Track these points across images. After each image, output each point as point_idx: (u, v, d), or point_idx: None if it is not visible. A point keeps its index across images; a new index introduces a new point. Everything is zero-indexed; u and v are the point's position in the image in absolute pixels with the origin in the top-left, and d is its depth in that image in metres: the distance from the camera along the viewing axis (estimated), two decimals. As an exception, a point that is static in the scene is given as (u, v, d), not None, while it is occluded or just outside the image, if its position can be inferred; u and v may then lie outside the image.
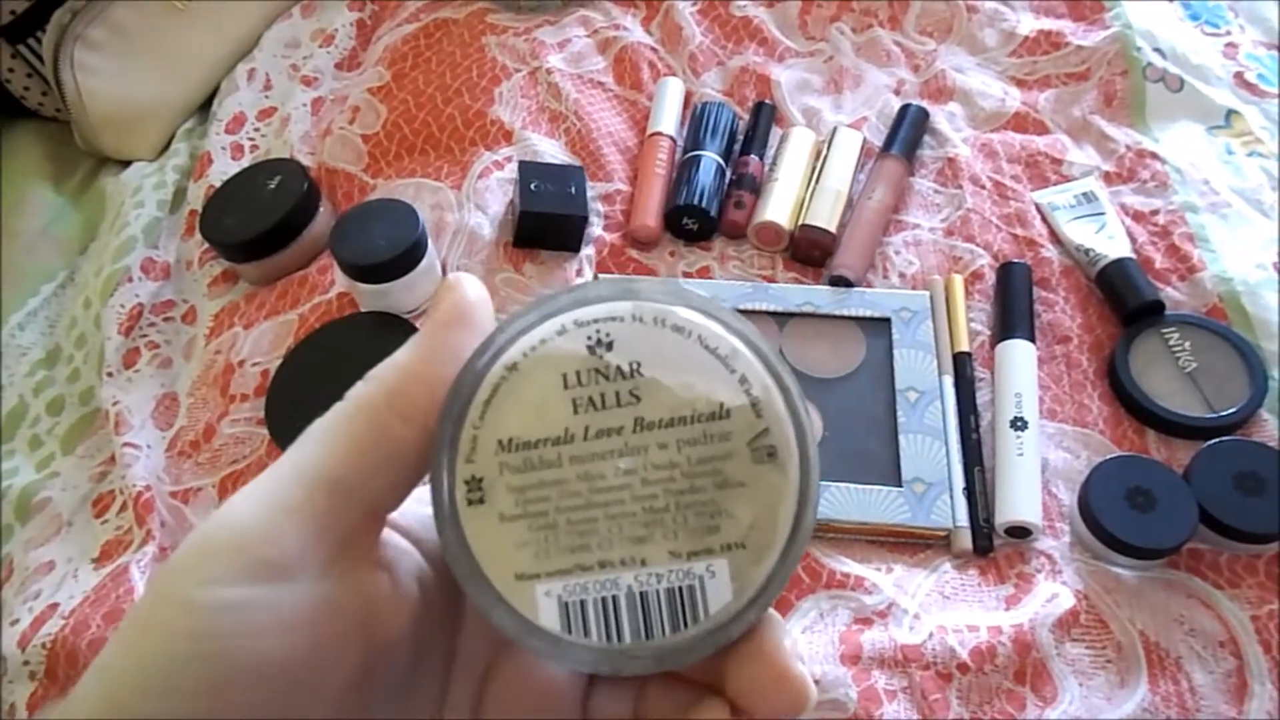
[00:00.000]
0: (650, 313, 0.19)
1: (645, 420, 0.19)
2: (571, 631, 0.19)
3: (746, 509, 0.19)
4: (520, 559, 0.19)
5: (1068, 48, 0.69)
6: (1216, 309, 0.54)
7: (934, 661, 0.43)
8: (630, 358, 0.19)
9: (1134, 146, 0.63)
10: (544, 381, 0.19)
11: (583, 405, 0.19)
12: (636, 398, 0.19)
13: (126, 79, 0.72)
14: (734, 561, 0.19)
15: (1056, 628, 0.44)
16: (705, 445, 0.19)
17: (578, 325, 0.19)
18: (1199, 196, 0.59)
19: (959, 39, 0.72)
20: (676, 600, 0.19)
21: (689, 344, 0.19)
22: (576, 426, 0.19)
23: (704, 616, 0.19)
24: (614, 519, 0.19)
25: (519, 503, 0.19)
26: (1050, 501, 0.49)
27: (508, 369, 0.19)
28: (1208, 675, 0.43)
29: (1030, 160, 0.64)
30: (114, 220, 0.66)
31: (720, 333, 0.19)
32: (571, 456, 0.19)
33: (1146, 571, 0.46)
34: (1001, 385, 0.53)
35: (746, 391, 0.19)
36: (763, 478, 0.19)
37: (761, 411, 0.19)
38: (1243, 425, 0.50)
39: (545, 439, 0.19)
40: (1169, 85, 0.65)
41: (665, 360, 0.19)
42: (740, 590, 0.19)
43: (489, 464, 0.19)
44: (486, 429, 0.19)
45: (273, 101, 0.75)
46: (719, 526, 0.19)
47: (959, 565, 0.48)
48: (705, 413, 0.19)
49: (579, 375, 0.19)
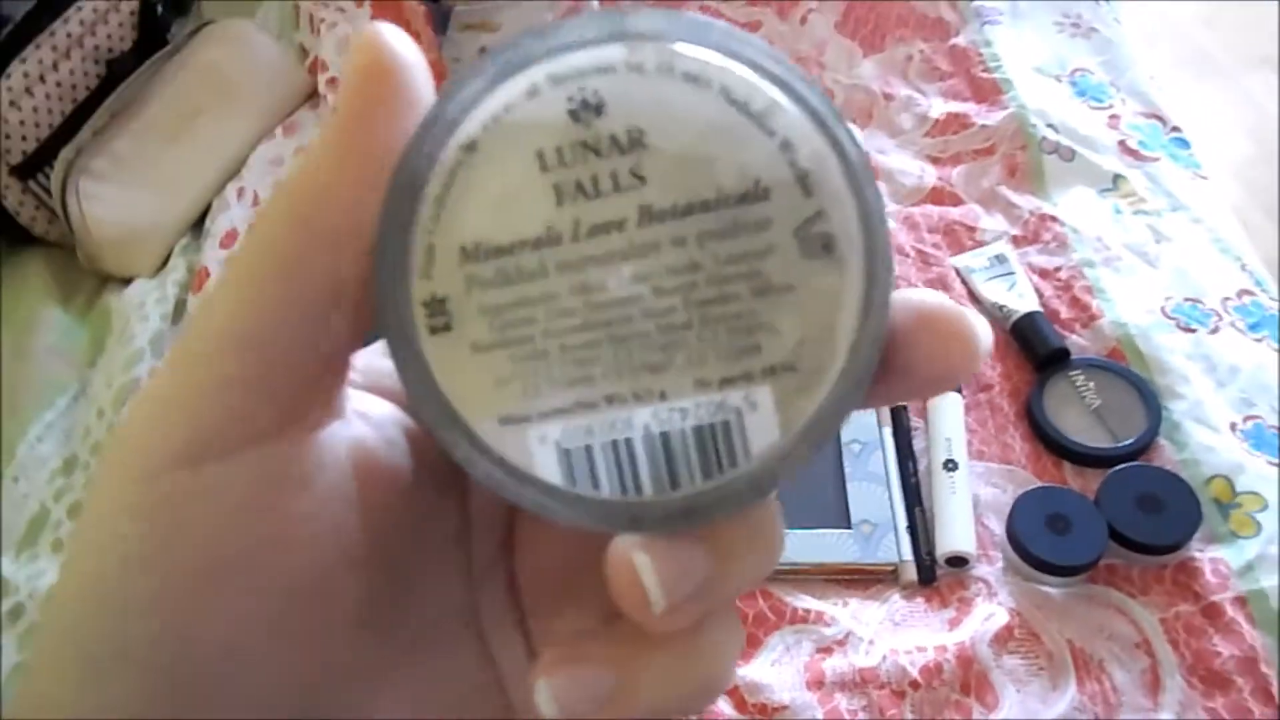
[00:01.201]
0: (652, 57, 0.14)
1: (654, 208, 0.14)
2: (577, 483, 0.15)
3: (794, 320, 0.14)
4: (505, 398, 0.15)
5: (974, 127, 0.78)
6: (1115, 351, 0.62)
7: (889, 681, 0.49)
8: (628, 123, 0.14)
9: (1036, 211, 0.71)
10: (514, 163, 0.14)
11: (569, 193, 0.14)
12: (640, 178, 0.14)
13: (126, 203, 0.78)
14: (780, 388, 0.14)
15: (994, 643, 0.50)
16: (736, 239, 0.14)
17: (553, 82, 0.14)
18: (1094, 252, 0.67)
19: (879, 124, 0.81)
20: (708, 440, 0.15)
21: (708, 98, 0.14)
22: (563, 222, 0.14)
23: (744, 459, 0.15)
24: (621, 342, 0.14)
25: (495, 327, 0.14)
26: (983, 532, 0.56)
27: (464, 149, 0.14)
28: (1126, 674, 0.49)
29: (947, 229, 0.72)
30: (121, 334, 0.72)
31: (751, 79, 0.14)
32: (559, 263, 0.14)
33: (1070, 587, 0.52)
34: (934, 432, 0.59)
35: (791, 161, 0.14)
36: (816, 277, 0.14)
37: (812, 187, 0.14)
38: (1144, 452, 0.57)
39: (523, 241, 0.14)
40: (1062, 156, 0.74)
41: (676, 123, 0.14)
42: (788, 424, 0.14)
43: (452, 278, 0.14)
44: (444, 233, 0.14)
45: (262, 216, 0.82)
46: (759, 345, 0.14)
47: (906, 595, 0.54)
48: (735, 193, 0.14)
49: (560, 151, 0.14)
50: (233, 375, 0.14)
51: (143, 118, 0.79)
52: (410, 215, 0.14)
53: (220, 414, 0.14)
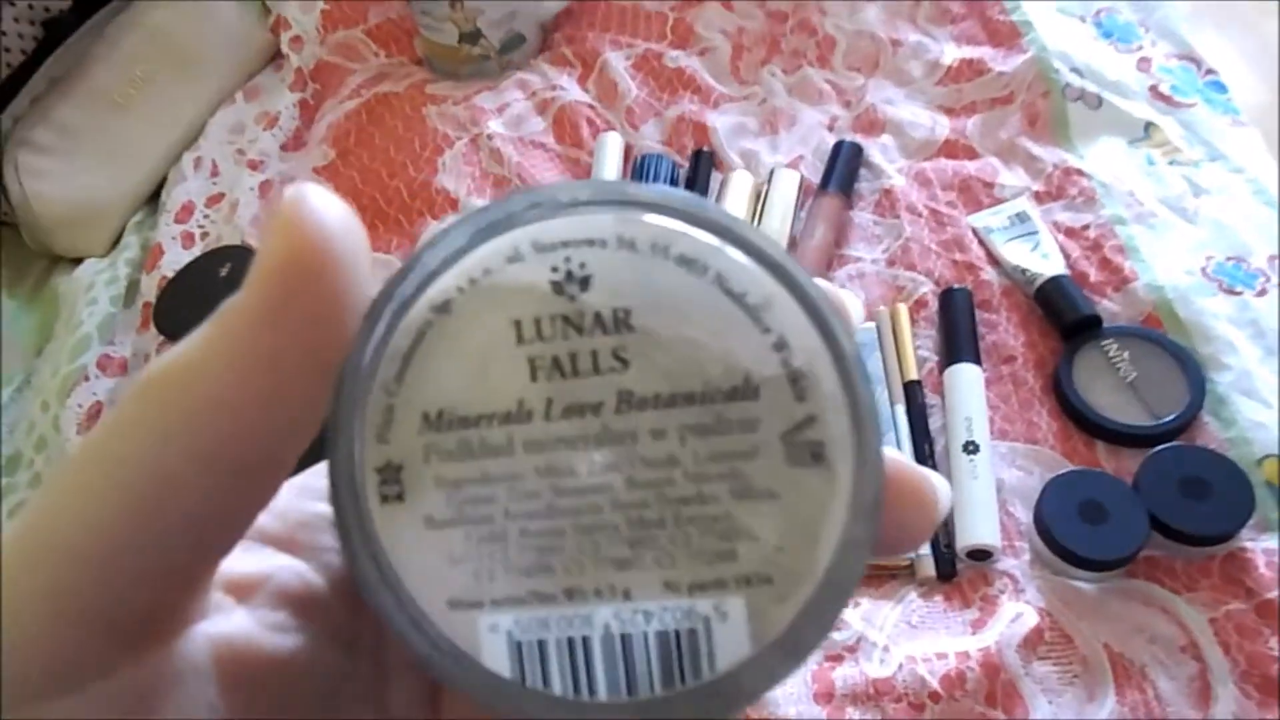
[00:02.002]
0: (647, 235, 0.13)
1: (635, 395, 0.13)
2: (526, 679, 0.14)
3: (775, 527, 0.13)
4: (456, 580, 0.14)
5: (990, 74, 0.71)
6: (1151, 317, 0.56)
7: (906, 693, 0.44)
8: (615, 301, 0.13)
9: (1060, 164, 0.65)
10: (489, 330, 0.13)
11: (544, 368, 0.13)
12: (623, 361, 0.13)
13: (74, 178, 0.73)
14: (754, 598, 0.13)
15: (1023, 647, 0.45)
16: (720, 436, 0.13)
17: (538, 249, 0.13)
18: (1125, 208, 0.61)
19: (886, 72, 0.75)
20: (671, 647, 0.14)
21: (702, 284, 0.13)
22: (535, 399, 0.13)
23: (709, 670, 0.13)
24: (587, 533, 0.14)
25: (453, 502, 0.14)
26: (1008, 521, 0.50)
27: (435, 310, 0.13)
28: (1172, 681, 0.44)
29: (963, 185, 0.66)
30: (68, 319, 0.67)
31: (749, 268, 0.13)
32: (528, 441, 0.13)
33: (1106, 582, 0.47)
34: (951, 411, 0.54)
35: (784, 360, 0.13)
36: (801, 484, 0.13)
37: (805, 390, 0.13)
38: (1185, 430, 0.51)
39: (490, 414, 0.13)
40: (1088, 103, 0.68)
41: (667, 307, 0.13)
42: (761, 636, 0.13)
43: (410, 446, 0.13)
44: (406, 396, 0.13)
45: (220, 188, 0.76)
46: (735, 551, 0.13)
47: (924, 593, 0.49)
48: (723, 388, 0.13)
49: (539, 324, 0.13)
50: (74, 605, 0.12)
51: (87, 83, 0.73)
52: (371, 371, 0.13)
53: (61, 648, 0.12)
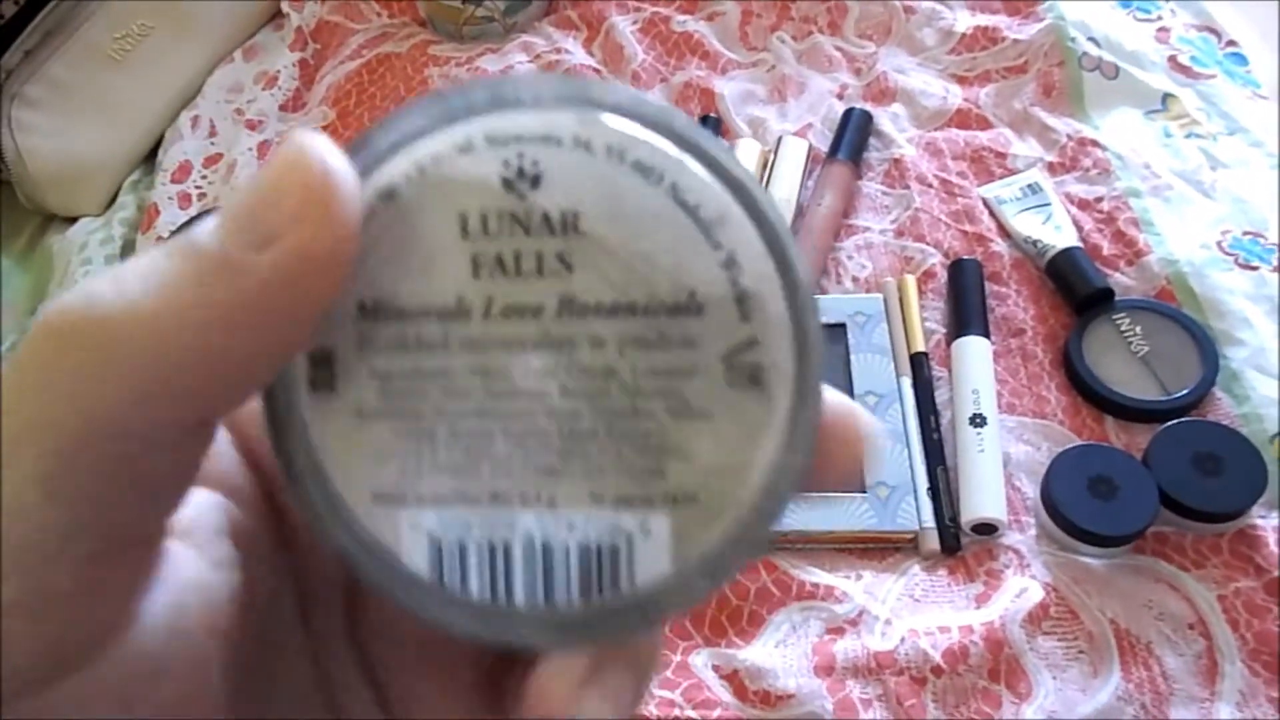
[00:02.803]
0: (604, 137, 0.13)
1: (577, 301, 0.13)
2: (445, 580, 0.14)
3: (707, 448, 0.13)
4: (381, 474, 0.14)
5: (1004, 42, 0.70)
6: (1165, 291, 0.55)
7: (908, 666, 0.43)
8: (565, 203, 0.13)
9: (1075, 135, 0.63)
10: (433, 221, 0.13)
11: (487, 265, 0.13)
12: (568, 265, 0.13)
13: (68, 135, 0.71)
14: (679, 518, 0.13)
15: (1027, 622, 0.44)
16: (661, 351, 0.13)
17: (490, 142, 0.13)
18: (1141, 181, 0.60)
19: (898, 40, 0.73)
20: (591, 560, 0.14)
21: (656, 194, 0.13)
22: (475, 296, 0.13)
23: (627, 586, 0.13)
24: (517, 438, 0.13)
25: (384, 394, 0.13)
26: (1014, 495, 0.49)
27: (381, 197, 0.13)
28: (1179, 658, 0.43)
29: (975, 156, 0.64)
30: (62, 279, 0.66)
31: (706, 181, 0.13)
32: (464, 340, 0.13)
33: (1113, 558, 0.46)
34: (959, 383, 0.53)
35: (733, 278, 0.13)
36: (738, 407, 0.13)
37: (750, 312, 0.13)
38: (1197, 405, 0.50)
39: (428, 309, 0.13)
40: (1105, 73, 0.66)
41: (618, 214, 0.13)
42: (682, 557, 0.13)
43: (344, 333, 0.13)
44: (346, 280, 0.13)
45: (218, 148, 0.75)
46: (664, 470, 0.13)
47: (927, 566, 0.48)
48: (667, 302, 0.13)
49: (485, 219, 0.13)
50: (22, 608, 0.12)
51: (82, 38, 0.71)
52: None
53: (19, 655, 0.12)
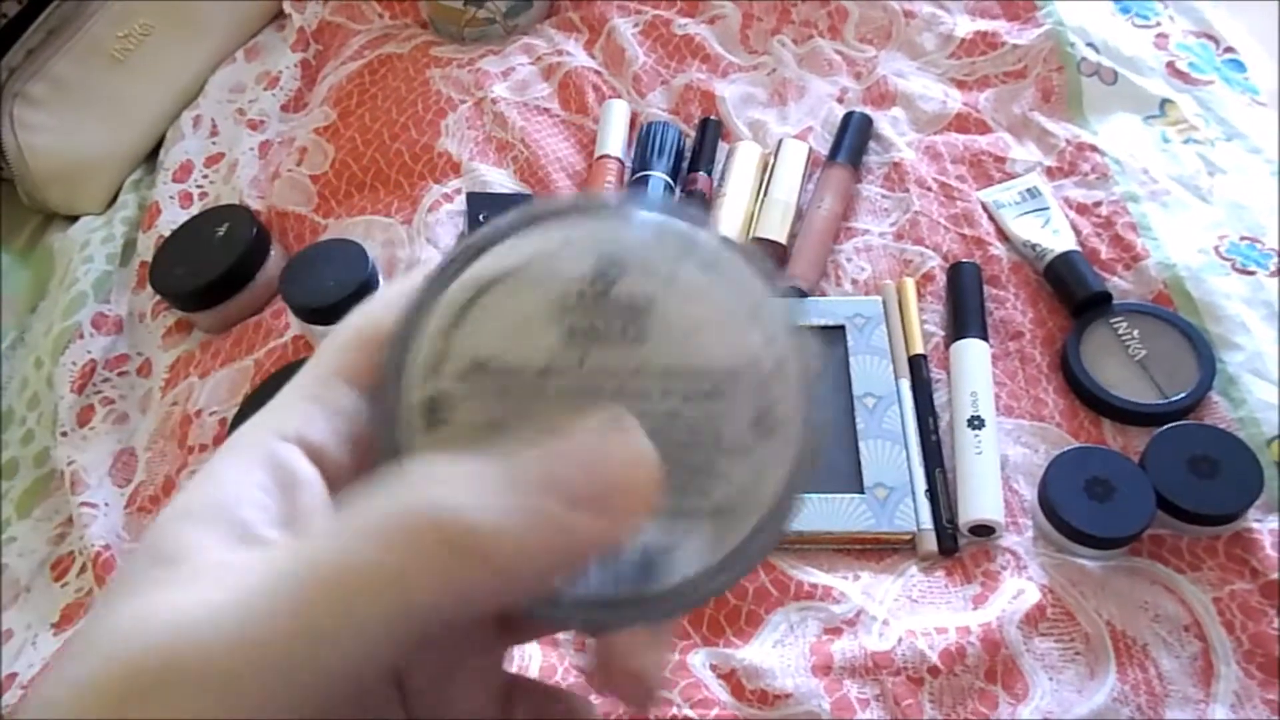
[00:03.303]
0: (674, 241, 0.16)
1: (649, 363, 0.16)
2: None
3: (740, 474, 0.17)
4: None
5: (1004, 47, 0.70)
6: (1162, 295, 0.55)
7: (905, 667, 0.44)
8: (643, 290, 0.16)
9: (1074, 140, 0.64)
10: (536, 299, 0.16)
11: (579, 334, 0.16)
12: (643, 337, 0.16)
13: (70, 133, 0.71)
14: (717, 525, 0.17)
15: (1024, 623, 0.45)
16: (710, 403, 0.16)
17: (586, 241, 0.16)
18: (1139, 186, 0.60)
19: (898, 44, 0.73)
20: (651, 557, 0.17)
21: (711, 285, 0.16)
22: (566, 358, 0.16)
23: (677, 575, 0.17)
24: None
25: (489, 435, 0.16)
26: (1012, 497, 0.50)
27: (496, 276, 0.16)
28: (1174, 660, 0.43)
29: (974, 160, 0.65)
30: (63, 277, 0.66)
31: (752, 280, 0.17)
32: (554, 394, 0.16)
33: (1110, 560, 0.47)
34: (957, 385, 0.53)
35: (764, 352, 0.17)
36: (761, 447, 0.17)
37: (775, 377, 0.17)
38: (1194, 409, 0.51)
39: (528, 366, 0.16)
40: (1103, 78, 0.66)
41: (683, 301, 0.16)
42: (717, 553, 0.17)
43: (456, 385, 0.16)
44: (457, 342, 0.16)
45: (220, 147, 0.75)
46: (710, 490, 0.17)
47: (925, 568, 0.48)
48: (719, 368, 0.16)
49: (579, 299, 0.16)
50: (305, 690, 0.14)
51: (84, 37, 0.71)
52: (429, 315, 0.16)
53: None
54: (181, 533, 0.15)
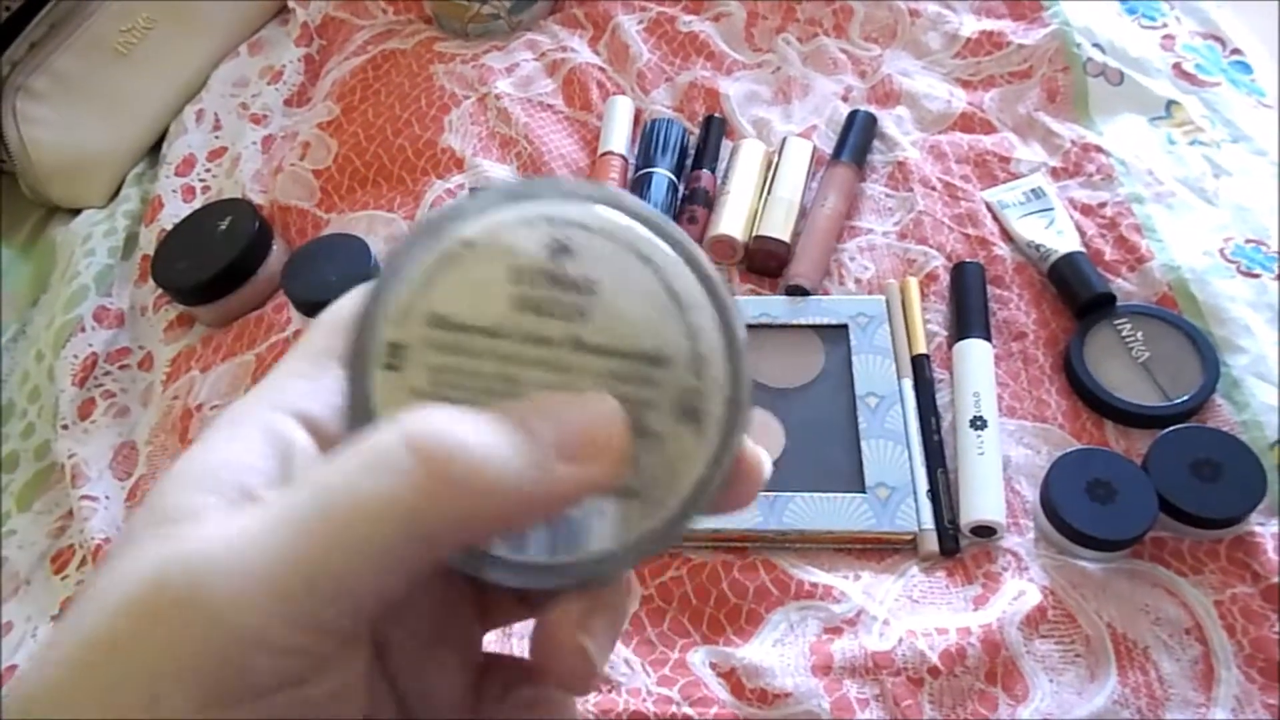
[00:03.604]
0: (624, 233, 0.18)
1: (583, 341, 0.18)
2: None
3: (653, 460, 0.18)
4: None
5: (1010, 47, 0.70)
6: (1166, 298, 0.55)
7: (905, 667, 0.43)
8: (588, 273, 0.18)
9: (1079, 141, 0.64)
10: (494, 267, 0.18)
11: (526, 305, 0.18)
12: (582, 315, 0.18)
13: (73, 127, 0.71)
14: (625, 507, 0.18)
15: (1025, 625, 0.44)
16: (634, 385, 0.18)
17: (548, 222, 0.18)
18: (1144, 187, 0.60)
19: (903, 43, 0.73)
20: (557, 528, 0.18)
21: (653, 279, 0.18)
22: (511, 324, 0.18)
23: (580, 549, 0.18)
24: None
25: (433, 382, 0.18)
26: (1014, 498, 0.50)
27: (463, 243, 0.18)
28: (1175, 663, 0.43)
29: (978, 160, 0.65)
30: (64, 270, 0.66)
31: (687, 277, 0.18)
32: (498, 354, 0.18)
33: (1111, 563, 0.47)
34: (960, 385, 0.53)
35: (692, 346, 0.18)
36: (679, 436, 0.18)
37: (700, 370, 0.18)
38: (1197, 412, 0.51)
39: (478, 327, 0.18)
40: (1109, 79, 0.66)
41: (623, 287, 0.18)
42: (624, 535, 0.18)
43: (415, 333, 0.18)
44: (423, 298, 0.18)
45: (223, 141, 0.75)
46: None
47: (926, 568, 0.48)
48: (647, 353, 0.18)
49: (530, 274, 0.18)
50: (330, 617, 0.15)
51: (87, 30, 0.71)
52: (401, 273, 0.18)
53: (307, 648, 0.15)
54: (182, 496, 0.16)
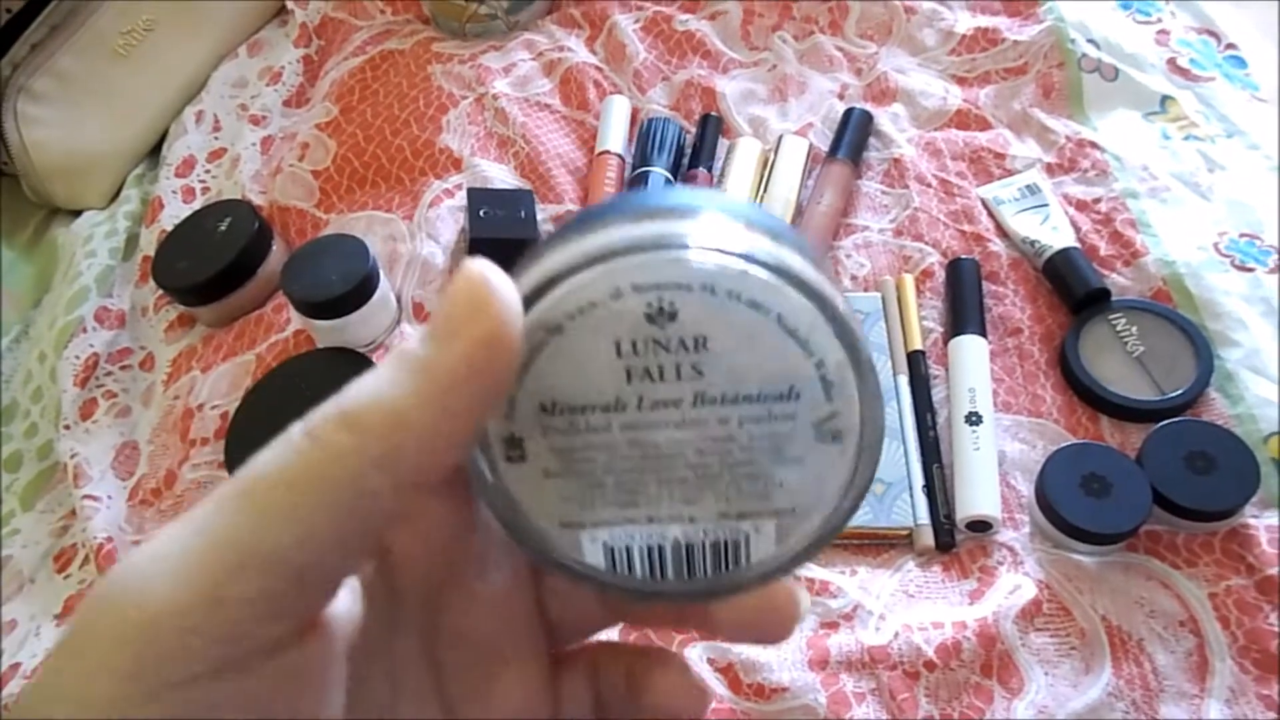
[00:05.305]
0: (724, 283, 0.17)
1: (707, 395, 0.17)
2: (617, 571, 0.19)
3: (799, 480, 0.18)
4: (566, 509, 0.18)
5: (1004, 43, 0.70)
6: (1161, 292, 0.55)
7: (901, 661, 0.44)
8: (696, 331, 0.17)
9: (1073, 137, 0.64)
10: (593, 347, 0.17)
11: (638, 375, 0.17)
12: (699, 372, 0.17)
13: (73, 128, 0.72)
14: (780, 522, 0.19)
15: (1020, 618, 0.45)
16: (769, 424, 0.18)
17: (636, 290, 0.17)
18: (1138, 182, 0.60)
19: (899, 40, 0.73)
20: (721, 549, 0.19)
21: (764, 321, 0.17)
22: (629, 396, 0.17)
23: (745, 564, 0.19)
24: (664, 482, 0.18)
25: (563, 462, 0.18)
26: (1009, 493, 0.50)
27: (549, 331, 0.17)
28: (1170, 655, 0.43)
29: (974, 156, 0.65)
30: (66, 271, 0.66)
31: (800, 306, 0.17)
32: (623, 424, 0.18)
33: (1106, 556, 0.47)
34: (955, 381, 0.53)
35: (821, 375, 0.17)
36: (822, 455, 0.18)
37: (833, 394, 0.18)
38: (1192, 405, 0.51)
39: (593, 405, 0.17)
40: (1104, 75, 0.66)
41: (735, 336, 0.17)
42: (782, 545, 0.19)
43: (529, 425, 0.18)
44: (525, 392, 0.17)
45: (222, 142, 0.75)
46: (769, 494, 0.18)
47: (922, 563, 0.48)
48: (774, 393, 0.18)
49: (635, 344, 0.17)
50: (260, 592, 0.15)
51: (87, 31, 0.72)
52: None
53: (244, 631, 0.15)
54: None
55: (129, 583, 0.15)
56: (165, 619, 0.14)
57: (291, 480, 0.15)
